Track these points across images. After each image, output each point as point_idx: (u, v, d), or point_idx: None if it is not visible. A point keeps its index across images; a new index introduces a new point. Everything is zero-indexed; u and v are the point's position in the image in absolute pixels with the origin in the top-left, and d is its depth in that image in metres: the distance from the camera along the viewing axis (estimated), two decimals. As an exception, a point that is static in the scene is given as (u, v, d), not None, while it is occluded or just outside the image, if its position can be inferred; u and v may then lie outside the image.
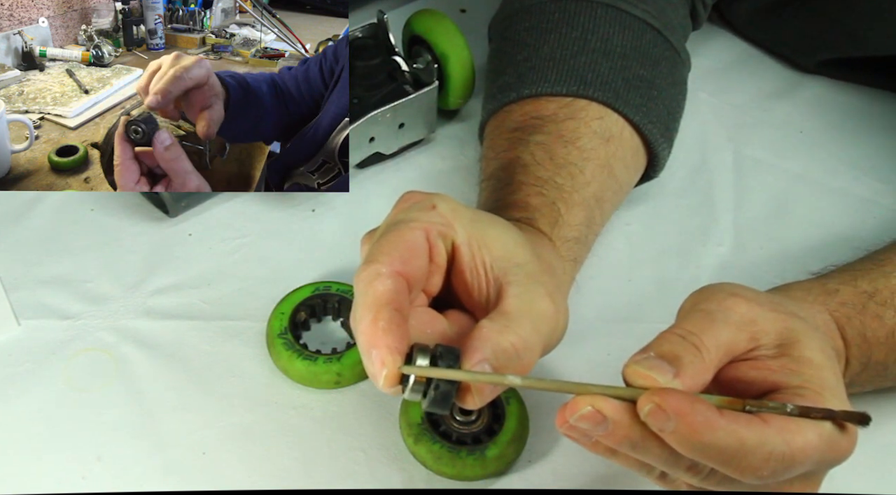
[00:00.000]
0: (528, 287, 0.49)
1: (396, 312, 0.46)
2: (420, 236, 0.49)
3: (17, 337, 0.65)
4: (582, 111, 0.66)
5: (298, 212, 0.74)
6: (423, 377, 0.45)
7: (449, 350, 0.46)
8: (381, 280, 0.46)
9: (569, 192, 0.63)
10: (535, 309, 0.48)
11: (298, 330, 0.65)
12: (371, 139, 0.74)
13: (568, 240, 0.62)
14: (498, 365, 0.46)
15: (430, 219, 0.50)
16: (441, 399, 0.45)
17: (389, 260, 0.47)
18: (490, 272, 0.50)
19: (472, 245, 0.50)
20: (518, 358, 0.47)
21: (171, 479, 0.58)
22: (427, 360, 0.45)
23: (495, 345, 0.46)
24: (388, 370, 0.45)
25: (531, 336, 0.47)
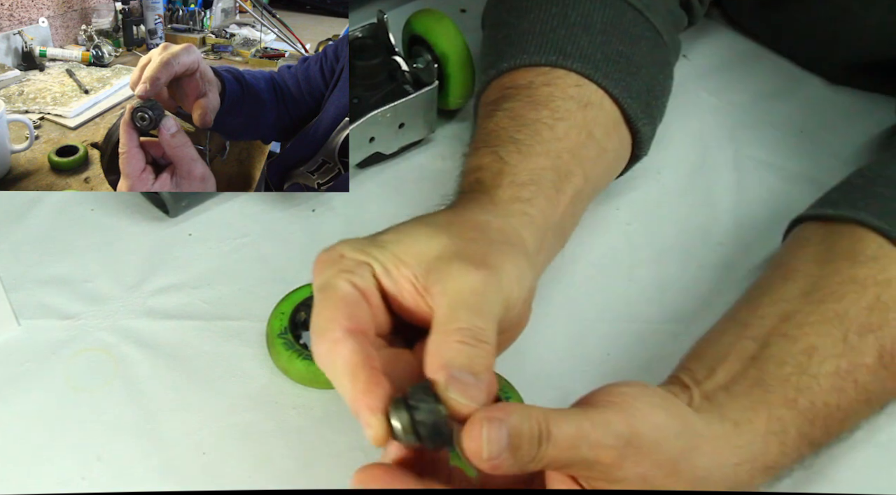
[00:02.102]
0: (448, 274, 0.48)
1: (370, 369, 0.46)
2: (347, 287, 0.49)
3: (17, 337, 0.65)
4: (559, 79, 0.65)
5: (298, 212, 0.74)
6: (408, 427, 0.45)
7: (417, 387, 0.45)
8: (342, 344, 0.46)
9: (527, 145, 0.61)
10: (463, 291, 0.47)
11: (298, 330, 0.65)
12: (371, 139, 0.74)
13: (516, 184, 0.59)
14: (458, 365, 0.45)
15: (345, 266, 0.49)
16: (435, 434, 0.44)
17: (336, 324, 0.47)
18: (417, 283, 0.49)
19: (389, 268, 0.50)
20: (475, 350, 0.46)
21: (171, 479, 0.58)
22: (403, 408, 0.45)
23: (443, 357, 0.45)
24: (374, 432, 0.45)
25: (472, 321, 0.46)
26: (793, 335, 0.55)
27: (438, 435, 0.44)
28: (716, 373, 0.54)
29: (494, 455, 0.43)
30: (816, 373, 0.54)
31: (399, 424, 0.45)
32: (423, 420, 0.44)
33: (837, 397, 0.55)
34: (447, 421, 0.44)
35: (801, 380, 0.53)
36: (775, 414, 0.53)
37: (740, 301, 0.60)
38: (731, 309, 0.60)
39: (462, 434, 0.44)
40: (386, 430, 0.45)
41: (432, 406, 0.44)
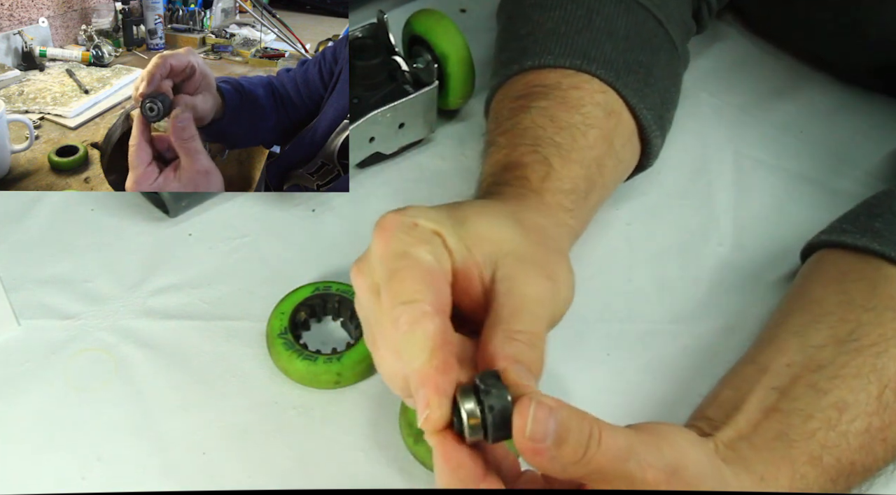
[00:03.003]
0: (519, 277, 0.48)
1: (449, 351, 0.44)
2: (430, 259, 0.47)
3: (17, 337, 0.65)
4: (585, 84, 0.65)
5: (298, 212, 0.74)
6: (476, 417, 0.43)
7: (487, 374, 0.44)
8: (430, 319, 0.45)
9: (567, 151, 0.61)
10: (529, 297, 0.48)
11: (298, 330, 0.65)
12: (371, 139, 0.74)
13: (562, 191, 0.59)
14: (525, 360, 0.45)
15: (421, 236, 0.48)
16: (500, 422, 0.43)
17: (424, 296, 0.45)
18: (483, 271, 0.49)
19: (461, 248, 0.49)
20: (533, 354, 0.46)
21: (171, 479, 0.58)
22: (473, 395, 0.44)
23: (509, 350, 0.45)
24: (437, 414, 0.43)
25: (533, 327, 0.46)
26: (823, 387, 0.52)
27: (504, 422, 0.43)
28: (735, 421, 0.52)
29: (538, 437, 0.42)
30: (846, 431, 0.51)
31: (470, 406, 0.43)
32: (492, 405, 0.43)
33: (865, 456, 0.52)
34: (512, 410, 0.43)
35: (829, 437, 0.51)
36: (799, 471, 0.51)
37: (762, 339, 0.58)
38: (751, 349, 0.58)
39: (515, 407, 0.43)
40: (448, 415, 0.44)
41: (502, 392, 0.43)
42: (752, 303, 0.68)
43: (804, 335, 0.55)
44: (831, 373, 0.52)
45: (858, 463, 0.52)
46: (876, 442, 0.52)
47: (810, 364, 0.53)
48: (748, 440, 0.51)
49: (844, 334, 0.54)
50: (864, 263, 0.57)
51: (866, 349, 0.53)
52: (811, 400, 0.52)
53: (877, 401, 0.52)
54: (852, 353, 0.53)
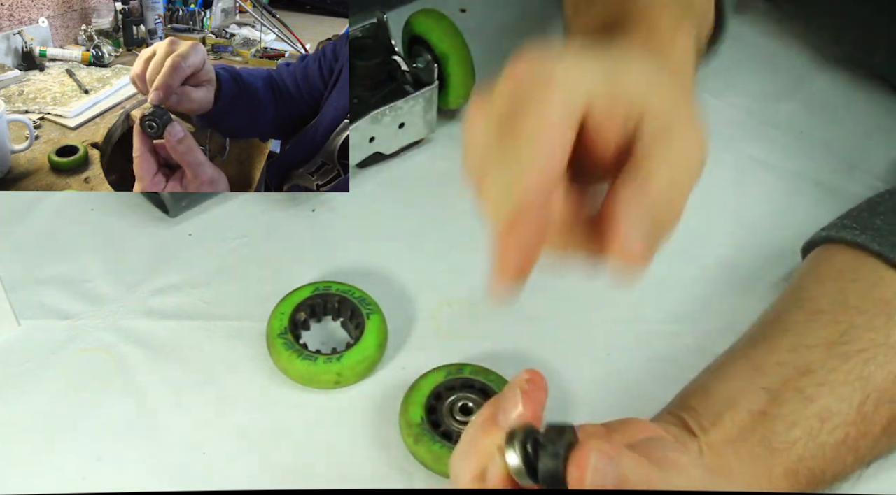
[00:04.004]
0: (682, 143, 0.44)
1: (541, 222, 0.41)
2: (567, 133, 0.41)
3: (17, 337, 0.65)
4: None
5: (298, 212, 0.74)
6: (523, 458, 0.43)
7: (557, 426, 0.43)
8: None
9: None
10: (685, 168, 0.44)
11: (298, 330, 0.65)
12: (371, 139, 0.74)
13: (688, 51, 0.54)
14: (655, 224, 0.42)
15: (567, 97, 0.41)
16: (549, 477, 0.43)
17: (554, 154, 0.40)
18: (624, 121, 0.43)
19: (604, 105, 0.42)
20: (667, 213, 0.43)
21: (171, 479, 0.58)
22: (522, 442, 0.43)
23: (645, 211, 0.42)
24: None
25: (678, 198, 0.44)
26: (809, 394, 0.52)
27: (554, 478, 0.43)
28: (723, 422, 0.52)
29: (597, 485, 0.41)
30: (825, 442, 0.52)
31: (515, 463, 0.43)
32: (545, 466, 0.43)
33: (836, 465, 0.53)
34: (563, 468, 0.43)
35: (807, 448, 0.51)
36: (774, 483, 0.51)
37: (756, 334, 0.57)
38: (744, 342, 0.57)
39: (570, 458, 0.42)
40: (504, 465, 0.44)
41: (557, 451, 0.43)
42: (752, 303, 0.67)
43: (797, 333, 0.55)
44: (819, 379, 0.52)
45: (829, 472, 0.53)
46: (849, 452, 0.53)
47: (800, 365, 0.53)
48: (733, 445, 0.51)
49: (836, 336, 0.54)
50: (862, 263, 0.57)
51: (855, 354, 0.53)
52: (797, 407, 0.52)
53: (857, 411, 0.52)
54: (841, 358, 0.53)
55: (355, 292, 0.65)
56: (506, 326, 0.66)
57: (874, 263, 0.56)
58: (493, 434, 0.46)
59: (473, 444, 0.47)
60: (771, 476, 0.51)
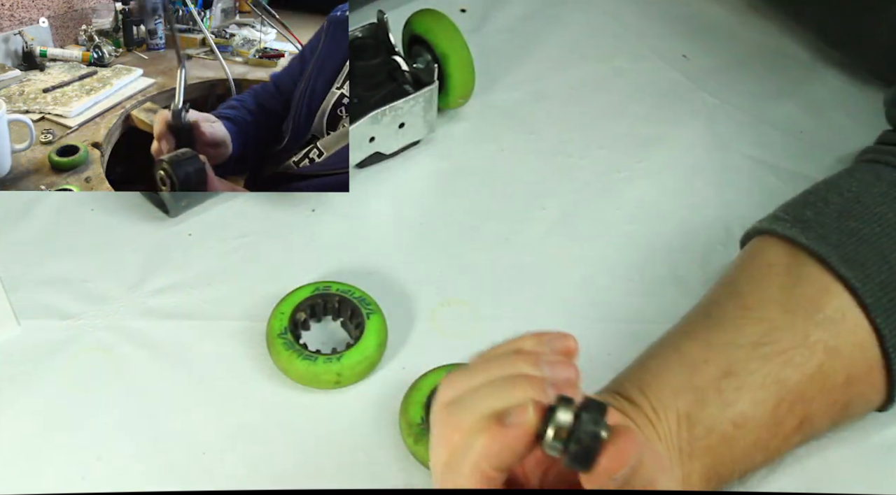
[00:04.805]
0: None
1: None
2: None
3: (17, 337, 0.65)
4: None
5: (298, 212, 0.74)
6: (564, 430, 0.42)
7: (596, 404, 0.43)
8: None
9: None
10: None
11: (298, 330, 0.65)
12: (371, 139, 0.74)
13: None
14: None
15: None
16: (582, 456, 0.42)
17: None
18: None
19: None
20: None
21: (171, 479, 0.58)
22: (570, 413, 0.42)
23: None
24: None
25: None
26: (728, 398, 0.53)
27: (587, 456, 0.42)
28: (658, 420, 0.52)
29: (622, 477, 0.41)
30: (737, 446, 0.53)
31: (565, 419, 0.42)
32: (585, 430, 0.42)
33: (744, 465, 0.54)
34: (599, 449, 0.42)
35: (720, 452, 0.52)
36: (693, 486, 0.52)
37: (688, 327, 0.58)
38: (677, 333, 0.57)
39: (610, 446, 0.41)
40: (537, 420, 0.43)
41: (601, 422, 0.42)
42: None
43: (724, 330, 0.55)
44: (738, 382, 0.53)
45: (737, 471, 0.54)
46: (759, 452, 0.54)
47: (725, 366, 0.53)
48: (664, 444, 0.52)
49: (758, 336, 0.54)
50: (791, 257, 0.57)
51: (775, 357, 0.53)
52: (716, 411, 0.52)
53: (771, 415, 0.53)
54: (762, 360, 0.53)
55: (355, 292, 0.65)
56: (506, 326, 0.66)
57: (802, 258, 0.57)
58: (536, 385, 0.44)
59: (512, 383, 0.44)
60: (689, 481, 0.52)
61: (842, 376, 0.54)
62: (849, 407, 0.56)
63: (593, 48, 0.88)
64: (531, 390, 0.43)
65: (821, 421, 0.55)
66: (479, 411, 0.44)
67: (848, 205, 0.59)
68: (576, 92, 0.84)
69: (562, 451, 0.42)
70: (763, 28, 0.90)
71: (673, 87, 0.84)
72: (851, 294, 0.55)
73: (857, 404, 0.56)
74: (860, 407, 0.57)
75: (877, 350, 0.55)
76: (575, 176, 0.77)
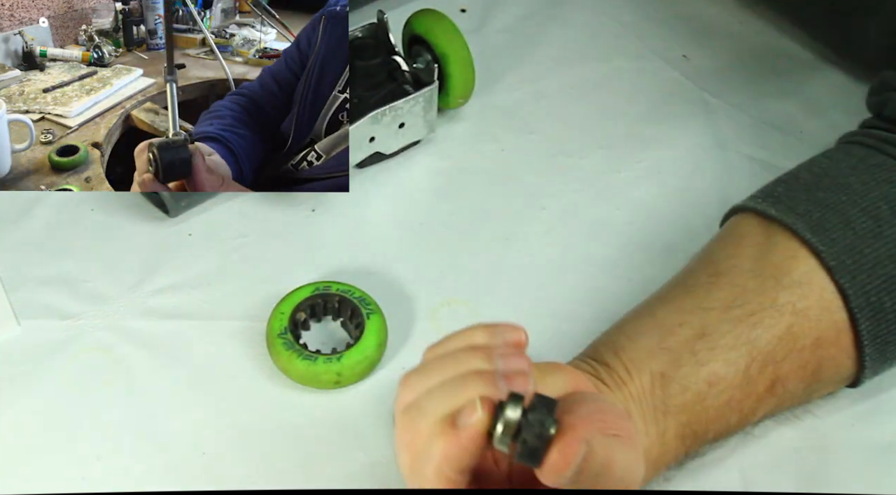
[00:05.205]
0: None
1: None
2: None
3: (17, 337, 0.65)
4: None
5: (298, 212, 0.74)
6: (512, 428, 0.43)
7: (544, 401, 0.43)
8: None
9: None
10: None
11: (298, 330, 0.65)
12: (371, 139, 0.74)
13: None
14: None
15: None
16: (529, 453, 0.43)
17: None
18: None
19: None
20: None
21: (171, 479, 0.58)
22: (518, 410, 0.43)
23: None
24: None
25: None
26: (701, 358, 0.54)
27: (533, 455, 0.43)
28: (631, 380, 0.54)
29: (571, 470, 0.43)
30: (711, 405, 0.54)
31: (512, 417, 0.43)
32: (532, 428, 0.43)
33: (719, 426, 0.55)
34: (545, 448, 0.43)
35: (695, 411, 0.54)
36: (668, 444, 0.54)
37: (663, 293, 0.60)
38: (653, 300, 0.60)
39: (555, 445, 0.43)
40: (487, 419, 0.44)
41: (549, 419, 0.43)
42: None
43: (697, 295, 0.57)
44: (711, 343, 0.55)
45: (712, 431, 0.55)
46: (732, 412, 0.55)
47: (698, 328, 0.55)
48: (638, 404, 0.53)
49: (730, 299, 0.56)
50: (762, 229, 0.59)
51: (746, 318, 0.55)
52: (690, 371, 0.54)
53: (743, 375, 0.55)
54: (733, 322, 0.55)
55: (355, 292, 0.65)
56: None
57: (773, 229, 0.59)
58: (488, 380, 0.45)
59: (463, 382, 0.45)
60: (664, 438, 0.53)
61: (810, 338, 0.56)
62: (820, 370, 0.57)
63: (593, 48, 0.88)
64: (483, 387, 0.44)
65: (793, 384, 0.56)
66: (434, 415, 0.45)
67: (816, 179, 0.61)
68: (576, 92, 0.84)
69: (510, 447, 0.43)
70: (763, 28, 0.90)
71: (673, 87, 0.84)
72: (817, 258, 0.56)
73: (827, 368, 0.57)
74: (831, 371, 0.58)
75: (843, 312, 0.56)
76: (575, 176, 0.77)
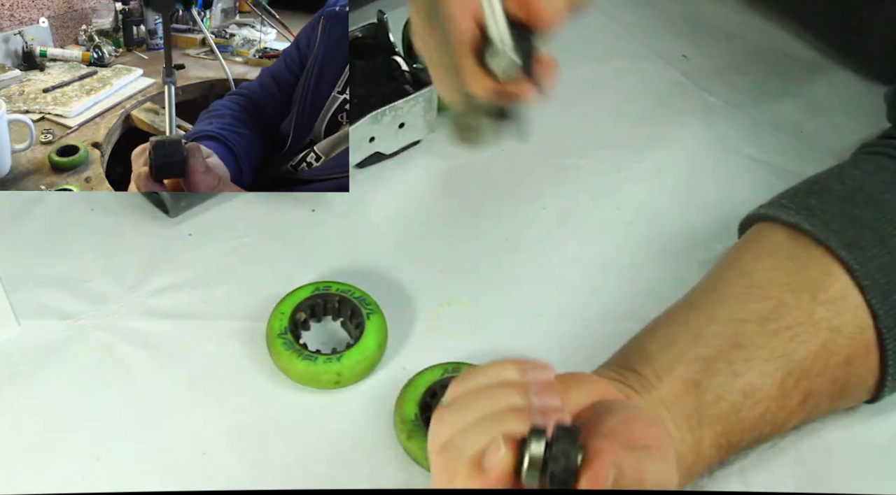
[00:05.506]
0: None
1: None
2: None
3: (17, 337, 0.65)
4: None
5: (298, 212, 0.74)
6: (537, 462, 0.43)
7: (567, 430, 0.44)
8: None
9: None
10: None
11: (298, 330, 0.65)
12: (371, 139, 0.74)
13: None
14: None
15: None
16: (560, 483, 0.43)
17: None
18: None
19: None
20: None
21: (171, 479, 0.58)
22: (542, 444, 0.43)
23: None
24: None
25: None
26: (737, 369, 0.55)
27: (563, 484, 0.43)
28: (662, 385, 0.54)
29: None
30: (746, 416, 0.54)
31: (536, 452, 0.43)
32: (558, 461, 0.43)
33: (752, 436, 0.55)
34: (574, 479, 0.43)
35: (731, 420, 0.54)
36: (704, 453, 0.54)
37: (695, 300, 0.60)
38: (684, 307, 0.59)
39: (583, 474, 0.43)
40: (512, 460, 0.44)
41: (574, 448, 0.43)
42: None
43: (733, 305, 0.57)
44: (747, 355, 0.55)
45: (745, 441, 0.55)
46: (766, 424, 0.55)
47: (733, 339, 0.55)
48: (669, 410, 0.53)
49: (767, 312, 0.56)
50: (795, 241, 0.59)
51: (782, 332, 0.55)
52: (725, 380, 0.54)
53: (778, 387, 0.55)
54: (770, 334, 0.55)
55: (355, 292, 0.65)
56: (505, 326, 0.67)
57: (806, 243, 0.58)
58: (524, 418, 0.45)
59: (500, 419, 0.46)
60: (700, 446, 0.53)
61: (843, 355, 0.56)
62: (847, 387, 0.57)
63: (593, 48, 0.88)
64: (519, 423, 0.45)
65: (822, 398, 0.57)
66: (468, 455, 0.45)
67: (850, 193, 0.61)
68: (576, 92, 0.84)
69: (540, 481, 0.43)
70: (763, 28, 0.90)
71: (673, 87, 0.84)
72: (851, 276, 0.56)
73: (854, 385, 0.58)
74: (857, 388, 0.58)
75: (873, 331, 0.56)
76: (575, 176, 0.77)
